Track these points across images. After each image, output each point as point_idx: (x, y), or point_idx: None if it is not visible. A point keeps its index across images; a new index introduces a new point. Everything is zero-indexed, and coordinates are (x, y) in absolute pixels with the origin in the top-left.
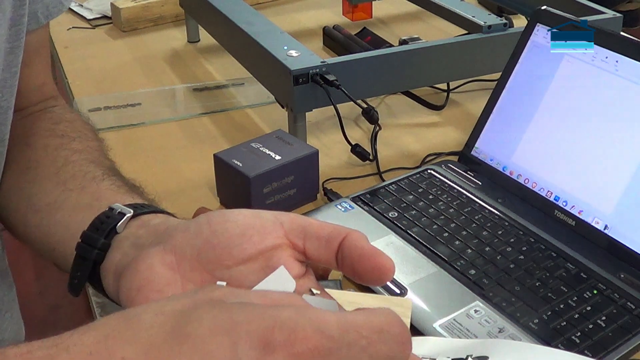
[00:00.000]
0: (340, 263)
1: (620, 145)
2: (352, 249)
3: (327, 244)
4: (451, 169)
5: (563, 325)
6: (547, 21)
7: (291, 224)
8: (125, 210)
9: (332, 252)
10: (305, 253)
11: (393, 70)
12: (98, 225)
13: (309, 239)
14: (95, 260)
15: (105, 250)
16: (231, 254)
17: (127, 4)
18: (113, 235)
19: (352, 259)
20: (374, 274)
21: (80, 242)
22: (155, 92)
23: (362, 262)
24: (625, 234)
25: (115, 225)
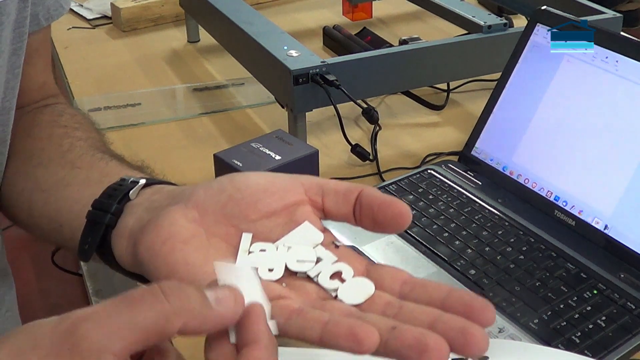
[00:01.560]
0: (359, 216)
1: (620, 145)
2: (372, 199)
3: (344, 199)
4: (451, 169)
5: (563, 325)
6: (547, 21)
7: (310, 183)
8: (137, 179)
9: (349, 206)
10: (324, 209)
11: (393, 70)
12: (110, 193)
13: (327, 195)
14: (107, 226)
15: (118, 216)
16: (256, 208)
17: (127, 4)
18: (126, 201)
19: (371, 209)
20: (394, 221)
21: (91, 209)
22: (155, 92)
23: (382, 210)
24: (625, 234)
25: (128, 192)
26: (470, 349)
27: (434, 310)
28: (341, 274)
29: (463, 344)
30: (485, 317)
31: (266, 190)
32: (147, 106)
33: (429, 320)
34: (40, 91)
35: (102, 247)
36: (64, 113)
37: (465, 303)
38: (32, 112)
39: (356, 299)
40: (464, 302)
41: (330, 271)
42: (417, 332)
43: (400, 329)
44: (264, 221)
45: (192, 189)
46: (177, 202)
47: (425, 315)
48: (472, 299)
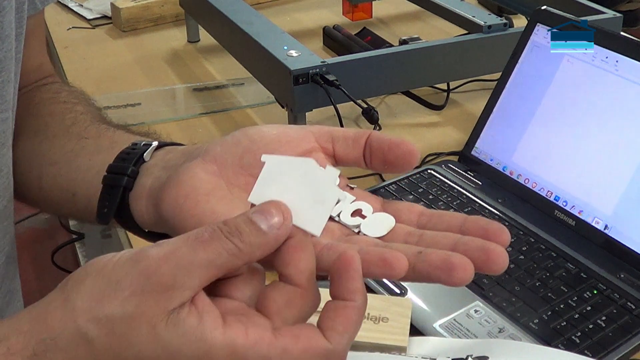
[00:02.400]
0: (369, 158)
1: (620, 145)
2: (381, 140)
3: (354, 143)
4: (451, 169)
5: (563, 325)
6: (547, 21)
7: (320, 131)
8: (150, 142)
9: (359, 150)
10: (335, 155)
11: (393, 70)
12: (124, 157)
13: (337, 141)
14: (125, 188)
15: (134, 178)
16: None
17: (127, 4)
18: (141, 163)
19: (382, 149)
20: (404, 159)
21: (107, 174)
22: (155, 92)
23: (392, 150)
24: (625, 234)
25: (142, 154)
26: (492, 264)
27: (453, 234)
28: (361, 211)
29: (485, 260)
30: (501, 237)
31: (280, 140)
32: (147, 106)
33: (450, 244)
34: (38, 72)
35: (120, 210)
36: (62, 90)
37: (482, 227)
38: (31, 91)
39: (379, 231)
40: (481, 226)
41: (351, 209)
42: (442, 254)
43: (426, 252)
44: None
45: (207, 145)
46: (194, 158)
47: (446, 239)
48: (488, 223)
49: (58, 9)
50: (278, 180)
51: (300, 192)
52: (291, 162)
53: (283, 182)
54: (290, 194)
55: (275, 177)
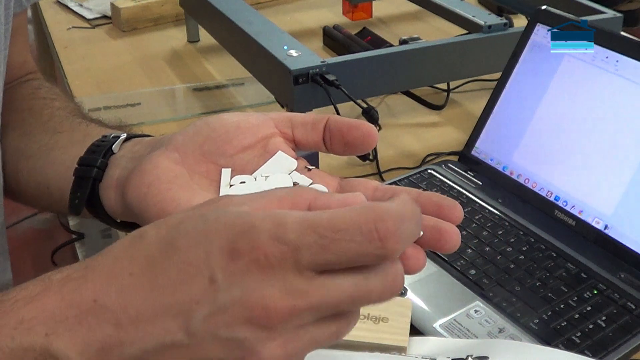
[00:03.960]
0: (329, 141)
1: (620, 145)
2: (340, 123)
3: (313, 128)
4: (451, 169)
5: (563, 325)
6: (547, 21)
7: (279, 117)
8: (119, 134)
9: (319, 134)
10: (295, 139)
11: (393, 70)
12: (94, 149)
13: (296, 127)
14: (95, 179)
15: (103, 170)
16: (231, 144)
17: (127, 3)
18: (110, 155)
19: (341, 132)
20: (364, 140)
21: (78, 166)
22: (155, 92)
23: (351, 132)
24: (625, 234)
25: (111, 146)
26: (444, 243)
27: None
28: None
29: (437, 239)
30: (454, 214)
31: (239, 127)
32: (147, 106)
33: None
34: (21, 69)
35: (92, 202)
36: (42, 86)
37: (435, 202)
38: (13, 87)
39: None
40: (434, 202)
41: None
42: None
43: None
44: (240, 155)
45: (170, 135)
46: (157, 148)
47: None
48: (440, 198)
49: (58, 9)
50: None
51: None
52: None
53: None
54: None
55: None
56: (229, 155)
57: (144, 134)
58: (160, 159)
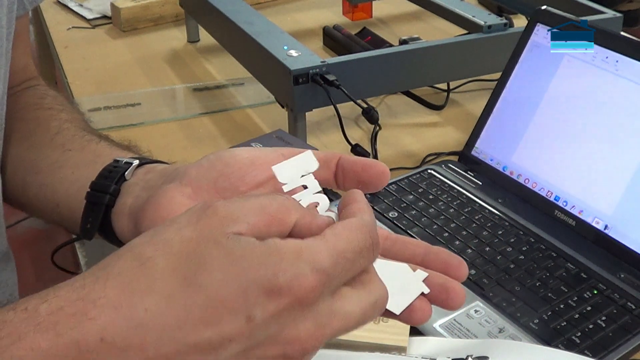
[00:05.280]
0: (342, 179)
1: (620, 145)
2: (353, 162)
3: (325, 165)
4: (451, 169)
5: (563, 325)
6: (547, 21)
7: (290, 154)
8: (131, 160)
9: (330, 172)
10: None
11: (393, 70)
12: (106, 174)
13: None
14: (107, 205)
15: (116, 196)
16: (244, 181)
17: (127, 4)
18: (122, 182)
19: (356, 172)
20: (379, 179)
21: (90, 190)
22: (155, 92)
23: (366, 171)
24: (625, 234)
25: (124, 172)
26: (450, 302)
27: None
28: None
29: (445, 298)
30: (461, 272)
31: (252, 164)
32: (147, 106)
33: None
34: (22, 74)
35: (102, 226)
36: (47, 95)
37: (443, 260)
38: (15, 94)
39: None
40: (442, 259)
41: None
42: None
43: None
44: (252, 191)
45: (183, 168)
46: (171, 181)
47: None
48: (448, 256)
49: (58, 9)
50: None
51: None
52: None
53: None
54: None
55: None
56: (241, 191)
57: (156, 160)
58: (174, 193)
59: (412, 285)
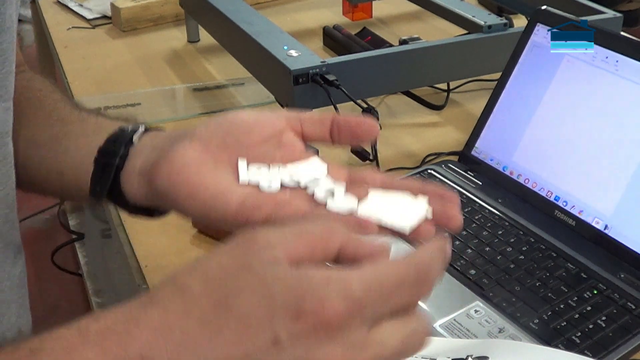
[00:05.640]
0: (337, 135)
1: (620, 145)
2: (347, 119)
3: (320, 124)
4: (451, 169)
5: (563, 325)
6: (547, 21)
7: (289, 115)
8: (137, 126)
9: (326, 129)
10: (303, 134)
11: (393, 70)
12: (114, 139)
13: (304, 123)
14: (117, 167)
15: (124, 160)
16: (250, 137)
17: (127, 4)
18: (130, 146)
19: (350, 128)
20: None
21: (98, 155)
22: (155, 92)
23: (359, 126)
24: (625, 234)
25: (132, 137)
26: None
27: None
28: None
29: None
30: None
31: (256, 123)
32: (147, 106)
33: None
34: None
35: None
36: (34, 79)
37: (439, 193)
38: None
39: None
40: (437, 192)
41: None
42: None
43: None
44: (258, 147)
45: (191, 129)
46: (181, 140)
47: None
48: (442, 190)
49: (58, 9)
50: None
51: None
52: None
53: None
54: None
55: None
56: (248, 146)
57: (158, 128)
58: (186, 149)
59: (417, 208)
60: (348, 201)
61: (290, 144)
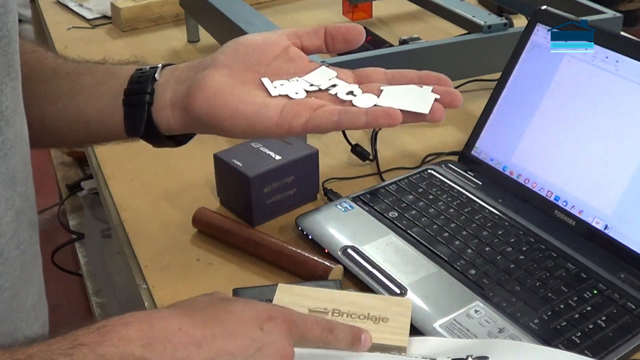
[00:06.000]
0: (331, 43)
1: (620, 145)
2: (338, 28)
3: (315, 35)
4: (451, 169)
5: (563, 325)
6: (547, 21)
7: (288, 33)
8: (155, 65)
9: (321, 40)
10: (303, 47)
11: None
12: (137, 80)
13: (302, 37)
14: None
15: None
16: (264, 55)
17: (127, 3)
18: (154, 83)
19: (342, 34)
20: (359, 36)
21: (126, 97)
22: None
23: (350, 32)
24: (625, 234)
25: (154, 74)
26: (456, 101)
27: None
28: (353, 92)
29: (451, 99)
30: (450, 83)
31: (266, 43)
32: None
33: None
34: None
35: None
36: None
37: (434, 77)
38: None
39: (366, 105)
40: (434, 77)
41: (346, 90)
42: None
43: None
44: (273, 63)
45: (209, 57)
46: (204, 69)
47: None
48: (438, 75)
49: (58, 9)
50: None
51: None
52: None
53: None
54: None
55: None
56: (265, 64)
57: (172, 63)
58: (214, 75)
59: (426, 95)
60: (369, 97)
61: (297, 57)
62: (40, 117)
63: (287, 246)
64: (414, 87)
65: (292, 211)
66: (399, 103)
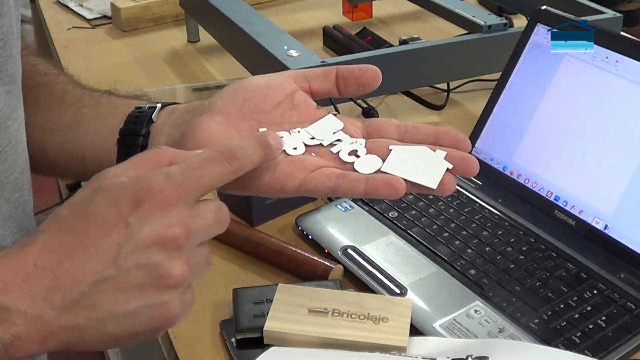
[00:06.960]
0: (343, 87)
1: (620, 145)
2: (351, 70)
3: (325, 78)
4: None
5: (563, 325)
6: (547, 21)
7: (295, 75)
8: (154, 104)
9: (332, 82)
10: (311, 91)
11: (393, 70)
12: (134, 120)
13: (311, 80)
14: (141, 147)
15: (147, 138)
16: (265, 101)
17: (127, 4)
18: (150, 124)
19: (355, 77)
20: (375, 79)
21: (121, 137)
22: (156, 92)
23: (363, 74)
24: (625, 234)
25: (151, 115)
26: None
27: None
28: (356, 152)
29: (466, 168)
30: (467, 145)
31: (268, 87)
32: None
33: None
34: None
35: None
36: (38, 62)
37: (452, 137)
38: None
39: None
40: (451, 137)
41: (349, 149)
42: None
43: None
44: (274, 111)
45: (207, 101)
46: (200, 114)
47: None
48: (455, 133)
49: (58, 9)
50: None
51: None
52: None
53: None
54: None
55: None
56: (266, 111)
57: (173, 102)
58: (209, 123)
59: (437, 163)
60: (373, 161)
61: (303, 103)
62: (41, 147)
63: (287, 246)
64: (426, 151)
65: (292, 211)
66: (405, 171)
